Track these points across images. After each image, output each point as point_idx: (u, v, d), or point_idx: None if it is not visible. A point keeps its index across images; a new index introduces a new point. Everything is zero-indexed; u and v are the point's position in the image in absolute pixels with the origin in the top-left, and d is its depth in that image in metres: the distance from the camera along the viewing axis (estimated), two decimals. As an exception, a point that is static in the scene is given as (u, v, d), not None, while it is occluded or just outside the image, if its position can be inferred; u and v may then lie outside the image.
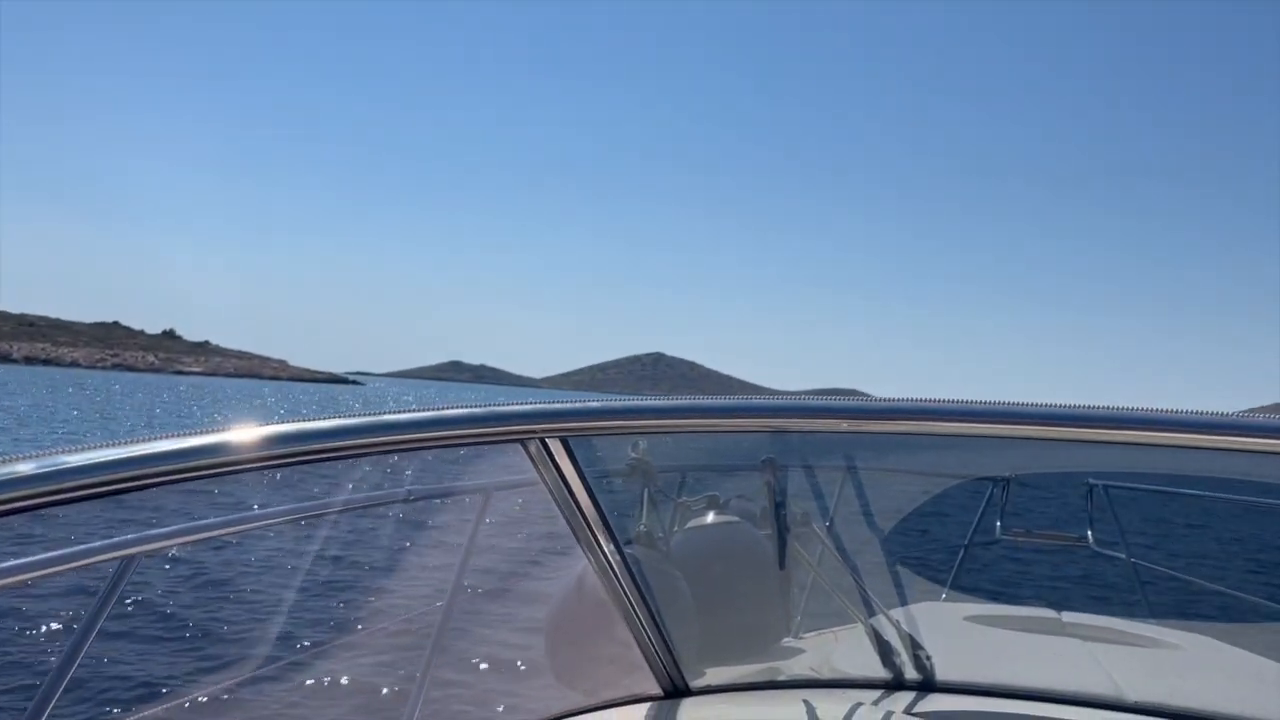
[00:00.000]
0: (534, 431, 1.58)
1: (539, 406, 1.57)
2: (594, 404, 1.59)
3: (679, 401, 1.60)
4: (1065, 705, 2.10)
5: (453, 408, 1.49)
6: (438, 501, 2.76)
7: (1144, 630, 3.45)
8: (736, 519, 3.08)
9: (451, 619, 2.47)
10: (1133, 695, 2.22)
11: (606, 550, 1.86)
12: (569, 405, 1.58)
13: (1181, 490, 5.68)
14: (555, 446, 1.65)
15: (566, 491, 1.74)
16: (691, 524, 3.36)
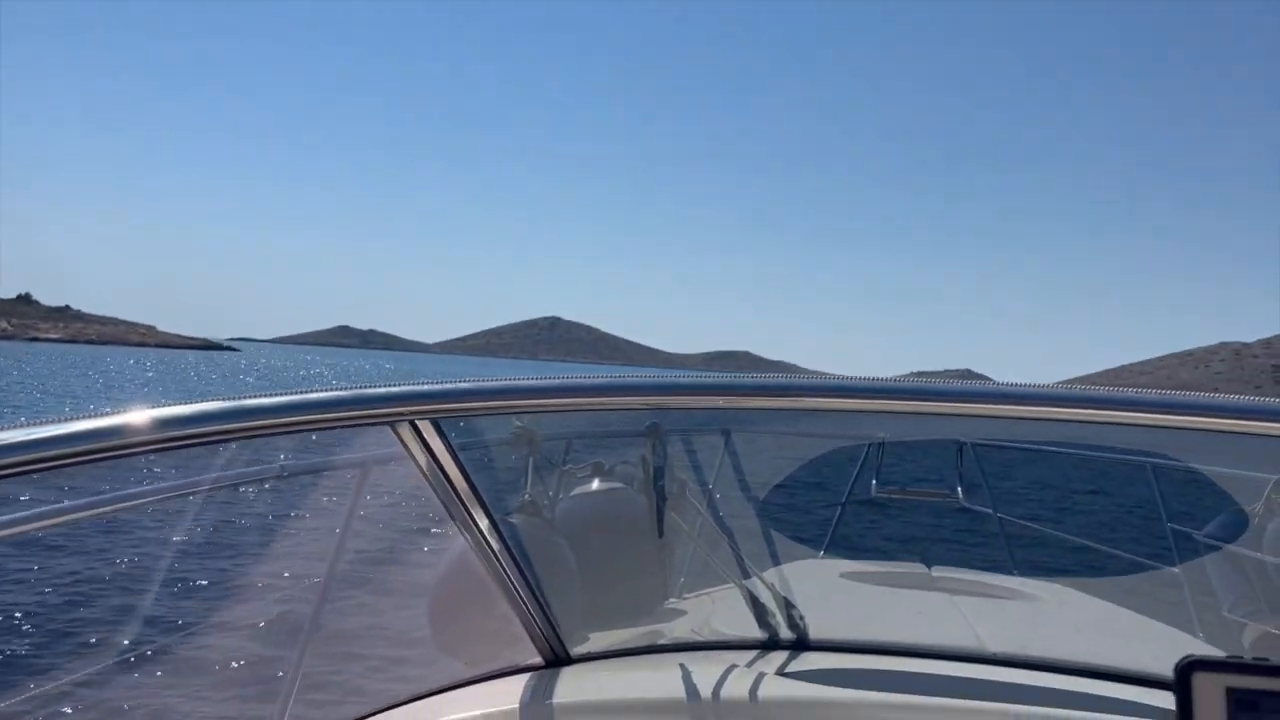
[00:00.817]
0: (402, 414, 1.55)
1: (408, 388, 1.54)
2: (465, 384, 1.56)
3: (553, 382, 1.59)
4: (930, 659, 2.19)
5: (317, 390, 1.45)
6: (313, 477, 2.68)
7: (1007, 583, 3.64)
8: (620, 485, 3.11)
9: (329, 596, 2.41)
10: (993, 646, 2.34)
11: (482, 527, 1.85)
12: (439, 386, 1.56)
13: (1044, 448, 6.03)
14: (426, 428, 1.63)
15: (439, 472, 1.72)
16: (576, 491, 3.37)
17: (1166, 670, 2.22)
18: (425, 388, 1.55)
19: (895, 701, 1.88)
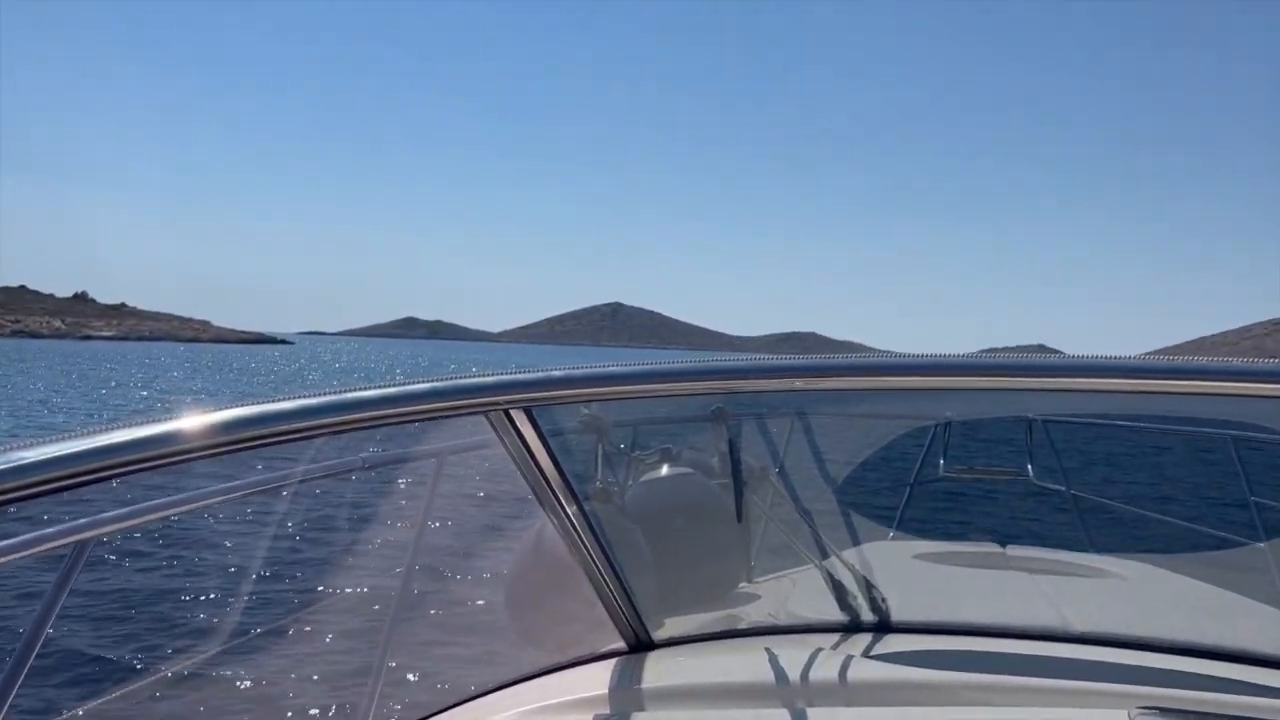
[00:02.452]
0: (497, 403, 1.60)
1: (501, 377, 1.59)
2: (557, 373, 1.61)
3: (639, 368, 1.62)
4: (1014, 639, 2.17)
5: (414, 382, 1.49)
6: (393, 469, 2.76)
7: (1086, 561, 3.58)
8: (690, 470, 3.14)
9: (411, 586, 2.49)
10: (1078, 625, 2.31)
11: (570, 511, 1.90)
12: (532, 375, 1.60)
13: (1115, 421, 5.90)
14: (519, 416, 1.68)
15: (529, 458, 1.77)
16: (645, 477, 3.41)
17: (1262, 647, 2.17)
18: (518, 376, 1.60)
19: (983, 682, 1.87)
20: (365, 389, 1.43)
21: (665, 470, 3.32)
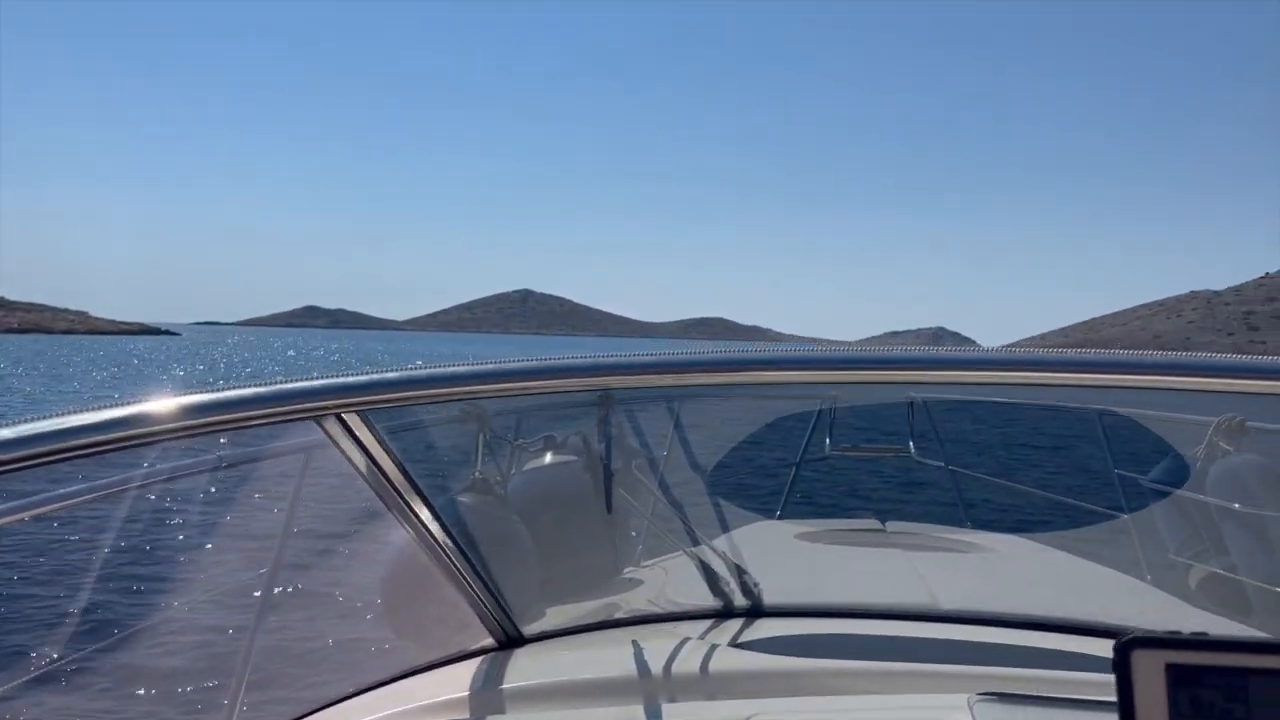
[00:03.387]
0: (327, 408, 1.50)
1: (331, 381, 1.49)
2: (392, 374, 1.52)
3: (487, 367, 1.55)
4: (884, 620, 2.21)
5: (238, 388, 1.39)
6: (254, 465, 2.61)
7: (961, 536, 3.68)
8: (572, 458, 3.08)
9: (275, 587, 2.37)
10: (946, 603, 2.36)
11: (421, 517, 1.81)
12: (365, 377, 1.51)
13: (993, 400, 6.12)
14: (353, 421, 1.58)
15: (372, 465, 1.67)
16: (528, 466, 3.34)
17: (1118, 619, 2.26)
18: (350, 379, 1.51)
19: (849, 668, 1.89)
20: (183, 396, 1.33)
21: (548, 459, 3.25)
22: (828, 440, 4.50)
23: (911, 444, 4.64)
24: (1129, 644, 0.87)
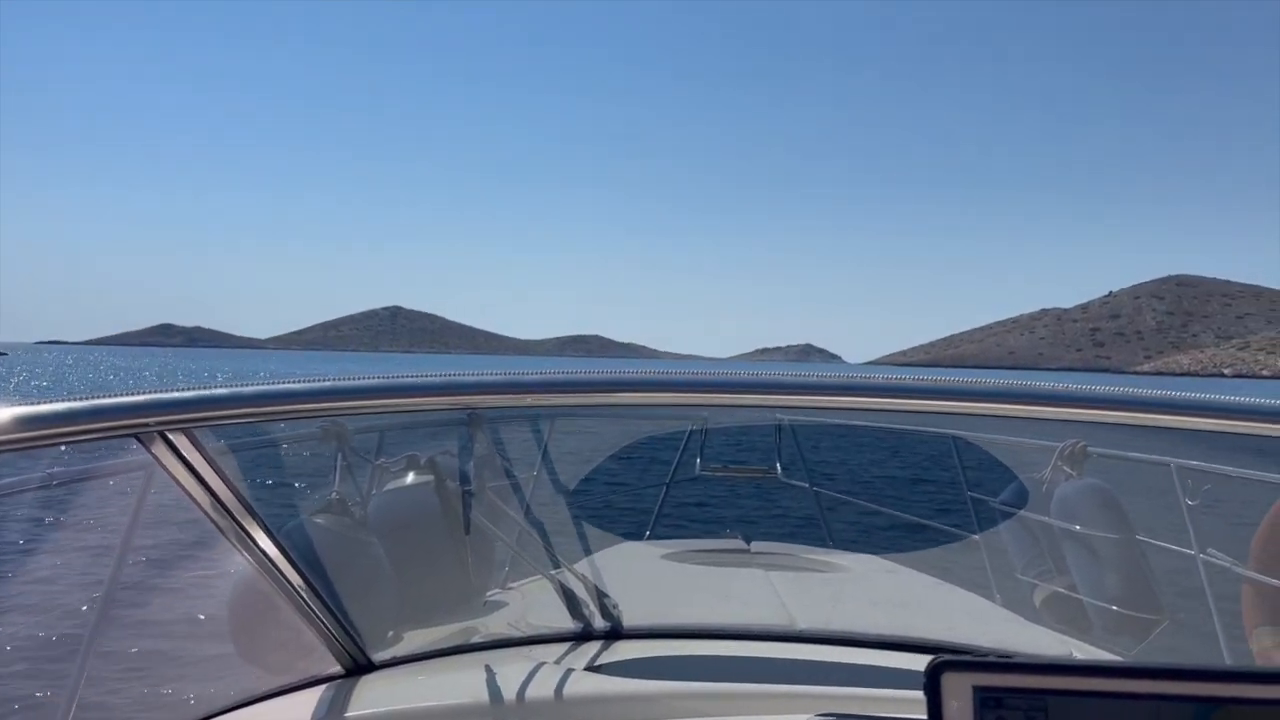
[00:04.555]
0: (149, 425, 1.40)
1: (153, 396, 1.40)
2: (220, 390, 1.43)
3: (324, 385, 1.48)
4: (741, 641, 2.23)
5: (48, 403, 1.30)
6: (89, 482, 2.45)
7: (823, 556, 3.77)
8: (433, 478, 3.01)
9: (109, 614, 2.22)
10: (803, 623, 2.41)
11: (259, 542, 1.71)
12: (190, 393, 1.42)
13: (857, 423, 6.35)
14: (179, 440, 1.48)
15: (201, 486, 1.57)
16: (389, 486, 3.25)
17: (965, 638, 2.34)
18: (173, 395, 1.41)
19: (701, 690, 1.89)
20: None
21: (410, 479, 3.17)
22: (698, 461, 4.55)
23: (779, 466, 4.74)
24: (939, 667, 0.91)
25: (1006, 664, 0.90)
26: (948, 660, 0.91)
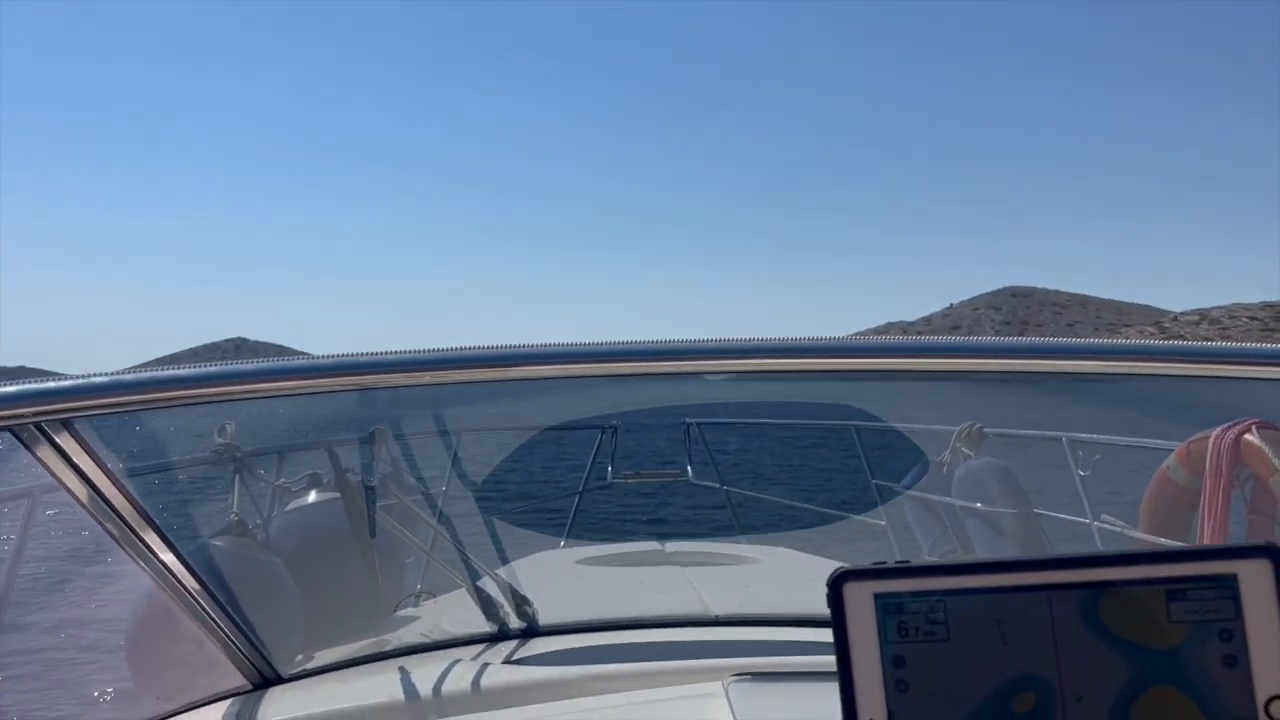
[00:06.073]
0: (22, 416, 1.32)
1: (26, 386, 1.32)
2: (99, 379, 1.36)
3: (204, 370, 1.42)
4: (658, 629, 2.23)
5: None
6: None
7: (733, 550, 3.82)
8: (336, 495, 2.94)
9: None
10: (716, 610, 2.42)
11: (153, 546, 1.63)
12: (66, 382, 1.34)
13: (759, 420, 6.48)
14: (58, 433, 1.39)
15: (86, 486, 1.48)
16: (291, 506, 3.17)
17: None
18: (49, 384, 1.32)
19: (619, 671, 1.89)
20: None
21: (312, 497, 3.10)
22: (610, 468, 4.55)
23: (689, 467, 4.79)
24: (840, 578, 0.94)
25: (904, 569, 0.94)
26: (848, 570, 0.94)
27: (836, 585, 0.94)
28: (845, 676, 0.92)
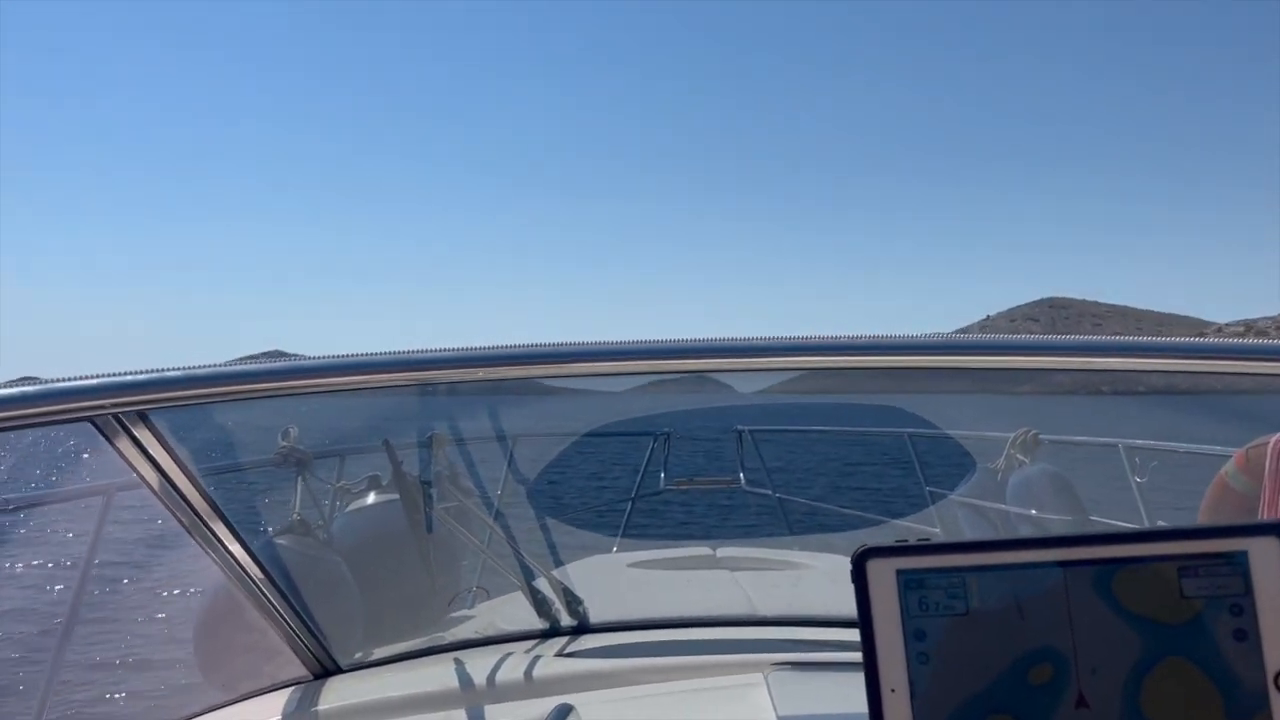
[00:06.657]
0: (102, 407, 1.41)
1: (106, 380, 1.39)
2: (173, 372, 1.43)
3: (277, 365, 1.50)
4: (706, 628, 2.27)
5: (2, 387, 1.30)
6: (49, 508, 2.45)
7: (783, 556, 3.84)
8: (396, 497, 3.04)
9: (74, 630, 2.20)
10: (763, 610, 2.45)
11: (222, 538, 1.71)
12: (143, 375, 1.42)
13: (812, 429, 6.48)
14: (135, 425, 1.48)
15: (163, 479, 1.56)
16: (352, 506, 3.28)
17: None
18: (127, 378, 1.40)
19: (665, 664, 1.94)
20: None
21: (372, 498, 3.21)
22: (662, 474, 4.60)
23: (742, 475, 4.81)
24: (863, 555, 0.97)
25: (926, 546, 0.97)
26: (871, 548, 0.97)
27: (860, 562, 0.98)
28: (869, 649, 0.96)
